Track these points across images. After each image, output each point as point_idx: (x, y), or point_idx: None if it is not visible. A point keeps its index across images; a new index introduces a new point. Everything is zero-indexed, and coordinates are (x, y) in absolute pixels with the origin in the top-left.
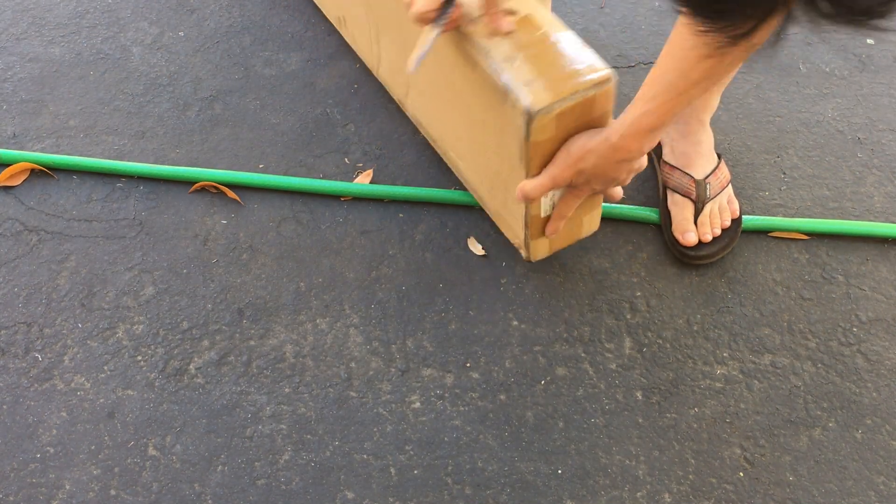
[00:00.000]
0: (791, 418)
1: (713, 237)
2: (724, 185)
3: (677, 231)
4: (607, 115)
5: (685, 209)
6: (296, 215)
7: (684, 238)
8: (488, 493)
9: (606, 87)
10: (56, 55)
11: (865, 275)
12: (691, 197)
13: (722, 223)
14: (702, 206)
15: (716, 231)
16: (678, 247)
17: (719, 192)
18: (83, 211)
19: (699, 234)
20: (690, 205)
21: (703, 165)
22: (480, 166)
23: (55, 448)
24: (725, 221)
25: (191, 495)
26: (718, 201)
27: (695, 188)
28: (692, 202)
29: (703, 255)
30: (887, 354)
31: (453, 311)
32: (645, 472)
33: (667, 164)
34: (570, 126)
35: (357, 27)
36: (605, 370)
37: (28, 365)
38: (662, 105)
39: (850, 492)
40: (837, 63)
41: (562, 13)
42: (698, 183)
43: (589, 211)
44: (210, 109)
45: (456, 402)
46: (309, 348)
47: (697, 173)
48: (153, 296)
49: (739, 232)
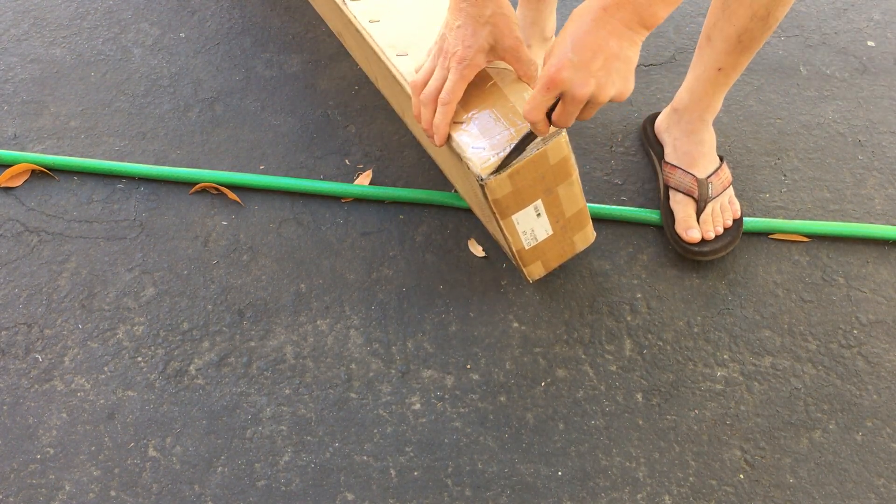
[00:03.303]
0: (791, 420)
1: (716, 235)
2: (725, 186)
3: (680, 228)
4: (566, 160)
5: (688, 207)
6: (296, 216)
7: (688, 235)
8: (488, 495)
9: (556, 140)
10: (57, 56)
11: (866, 277)
12: (693, 195)
13: (724, 222)
14: (704, 205)
15: (718, 230)
16: (681, 243)
17: (721, 192)
18: (84, 212)
19: (702, 232)
20: (693, 203)
21: (706, 165)
22: (469, 197)
23: (55, 449)
24: (727, 221)
25: (191, 496)
26: (720, 201)
27: (697, 187)
28: (694, 201)
29: (706, 252)
30: (888, 357)
31: (453, 313)
32: (645, 473)
33: (668, 163)
34: (528, 178)
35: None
36: (605, 372)
37: (28, 366)
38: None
39: (851, 494)
40: (838, 65)
41: (564, 16)
42: (701, 182)
43: (579, 229)
44: (211, 111)
45: (456, 403)
46: (309, 349)
47: (700, 172)
48: (153, 297)
49: (741, 232)
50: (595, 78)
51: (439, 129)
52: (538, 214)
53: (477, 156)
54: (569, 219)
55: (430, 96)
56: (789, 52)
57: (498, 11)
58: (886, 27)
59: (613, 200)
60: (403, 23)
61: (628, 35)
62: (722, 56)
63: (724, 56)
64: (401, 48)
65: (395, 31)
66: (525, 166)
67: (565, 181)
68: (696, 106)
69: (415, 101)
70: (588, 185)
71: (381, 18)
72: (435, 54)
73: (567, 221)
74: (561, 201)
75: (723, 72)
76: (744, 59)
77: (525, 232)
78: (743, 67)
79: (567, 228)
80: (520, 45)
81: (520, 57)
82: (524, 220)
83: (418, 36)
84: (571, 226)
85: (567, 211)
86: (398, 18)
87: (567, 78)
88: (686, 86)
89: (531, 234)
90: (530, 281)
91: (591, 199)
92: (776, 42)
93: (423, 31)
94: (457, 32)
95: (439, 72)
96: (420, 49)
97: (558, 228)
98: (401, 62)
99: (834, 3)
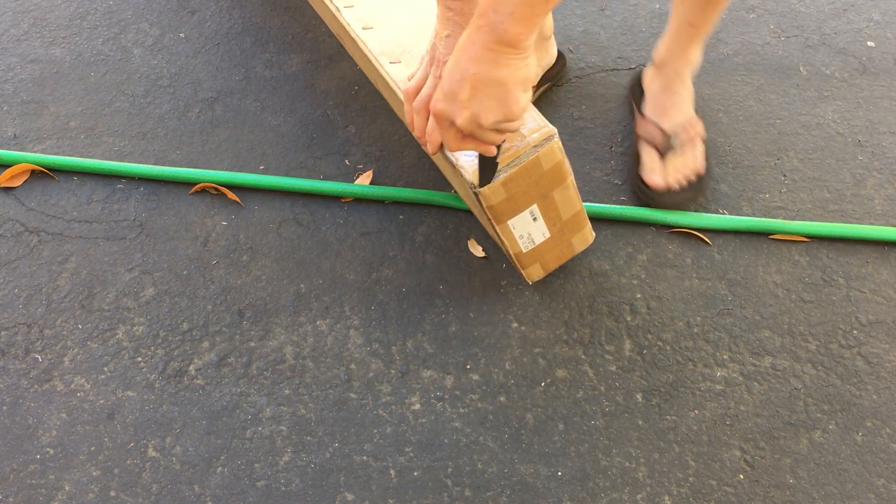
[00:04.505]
0: (791, 420)
1: (679, 187)
2: (693, 140)
3: (644, 171)
4: (560, 166)
5: (653, 155)
6: (296, 217)
7: (649, 178)
8: (488, 495)
9: (549, 145)
10: (57, 56)
11: (866, 277)
12: (659, 146)
13: (687, 176)
14: (668, 156)
15: (681, 182)
16: (642, 187)
17: (688, 145)
18: (83, 212)
19: (665, 180)
20: (658, 153)
21: (675, 118)
22: (468, 200)
23: (55, 449)
24: (690, 175)
25: (191, 497)
26: (686, 154)
27: (663, 138)
28: (659, 151)
29: (665, 202)
30: (887, 357)
31: (453, 313)
32: (645, 474)
33: (642, 114)
34: (523, 184)
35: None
36: (604, 372)
37: (28, 366)
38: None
39: (851, 494)
40: (838, 66)
41: (563, 15)
42: (667, 134)
43: (577, 231)
44: (211, 111)
45: (456, 403)
46: (309, 350)
47: (667, 125)
48: (153, 297)
49: (705, 189)
50: (467, 108)
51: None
52: (534, 219)
53: (470, 164)
54: (566, 221)
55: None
56: (789, 53)
57: None
58: (886, 27)
59: (613, 200)
60: (396, 30)
61: (491, 57)
62: (692, 11)
63: (694, 11)
64: (394, 56)
65: (389, 39)
66: (518, 173)
67: (560, 185)
68: (672, 59)
69: (407, 109)
70: (588, 185)
71: (374, 25)
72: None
73: (564, 224)
74: (557, 205)
75: (694, 26)
76: (712, 14)
77: (522, 236)
78: (712, 22)
79: (565, 231)
80: None
81: None
82: (520, 224)
83: (411, 43)
84: (569, 228)
85: (564, 214)
86: (391, 25)
87: (442, 110)
88: (663, 40)
89: (528, 237)
90: (530, 282)
91: (590, 199)
92: (776, 42)
93: (416, 39)
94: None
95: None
96: (413, 56)
97: (556, 231)
98: (394, 69)
99: (834, 4)
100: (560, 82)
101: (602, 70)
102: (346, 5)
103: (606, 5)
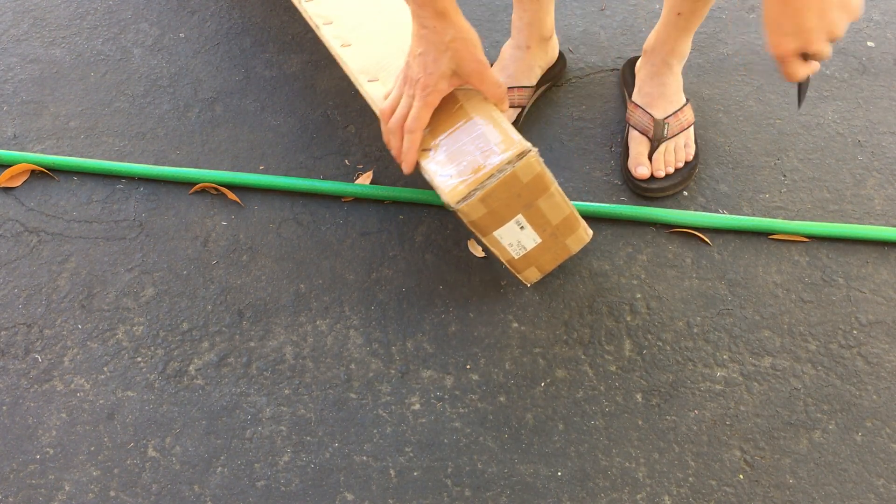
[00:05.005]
0: (791, 421)
1: (666, 175)
2: (683, 128)
3: (632, 164)
4: (541, 176)
5: (641, 145)
6: (296, 216)
7: (636, 171)
8: (488, 496)
9: (525, 160)
10: (57, 56)
11: (865, 277)
12: (648, 135)
13: (675, 163)
14: (657, 145)
15: (669, 170)
16: (631, 179)
17: (677, 133)
18: (83, 212)
19: (652, 170)
20: (647, 142)
21: (665, 106)
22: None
23: (55, 449)
24: (679, 162)
25: (190, 497)
26: (675, 142)
27: (652, 127)
28: (648, 140)
29: (653, 189)
30: (887, 357)
31: (453, 313)
32: (645, 474)
33: (633, 102)
34: (502, 198)
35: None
36: (604, 372)
37: (28, 366)
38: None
39: (850, 494)
40: (837, 66)
41: (563, 15)
42: (657, 122)
43: (570, 233)
44: (210, 111)
45: (455, 403)
46: (309, 350)
47: (658, 113)
48: (153, 297)
49: (692, 175)
50: (821, 30)
51: (407, 157)
52: (521, 227)
53: (445, 184)
54: (556, 226)
55: (397, 124)
56: None
57: (458, 36)
58: (886, 27)
59: (613, 200)
60: (374, 48)
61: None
62: (680, 1)
63: (681, 1)
64: (371, 73)
65: (366, 57)
66: (496, 188)
67: (544, 195)
68: (661, 49)
69: (384, 129)
70: (588, 185)
71: (352, 43)
72: (401, 82)
73: (555, 228)
74: (544, 212)
75: (682, 16)
76: (700, 5)
77: (511, 244)
78: (701, 14)
79: (557, 235)
80: (483, 67)
81: (484, 79)
82: (507, 234)
83: (388, 61)
84: (561, 231)
85: (553, 220)
86: (370, 43)
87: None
88: (654, 30)
89: (518, 245)
90: (528, 285)
91: (590, 199)
92: None
93: (393, 56)
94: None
95: (405, 100)
96: (390, 74)
97: (546, 236)
98: (372, 88)
99: None
100: (560, 82)
101: (602, 70)
102: (326, 22)
103: (606, 5)
